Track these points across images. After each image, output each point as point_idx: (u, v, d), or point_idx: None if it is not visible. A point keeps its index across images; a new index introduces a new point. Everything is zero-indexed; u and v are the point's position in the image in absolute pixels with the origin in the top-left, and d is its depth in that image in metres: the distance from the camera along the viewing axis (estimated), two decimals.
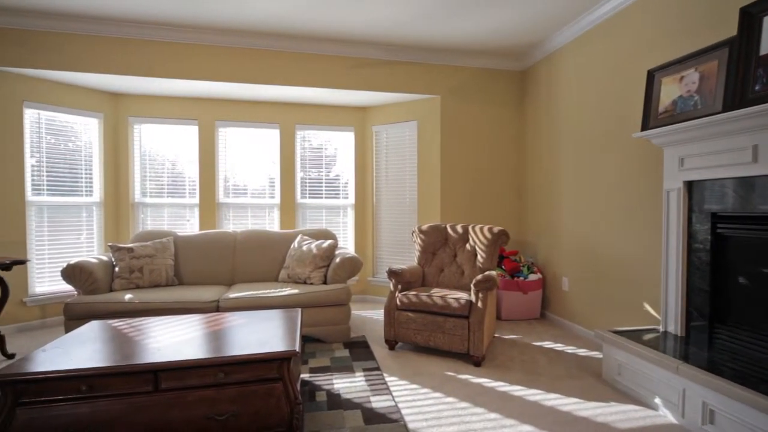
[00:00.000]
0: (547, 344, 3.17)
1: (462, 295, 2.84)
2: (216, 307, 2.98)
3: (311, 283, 3.35)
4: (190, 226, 4.28)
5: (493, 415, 2.09)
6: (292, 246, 3.63)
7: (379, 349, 3.04)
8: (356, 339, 3.25)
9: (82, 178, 3.89)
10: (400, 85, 4.06)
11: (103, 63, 3.48)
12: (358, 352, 2.97)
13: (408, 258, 4.34)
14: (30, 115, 3.57)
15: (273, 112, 4.40)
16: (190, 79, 3.64)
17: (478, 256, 3.18)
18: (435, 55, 4.07)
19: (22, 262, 2.99)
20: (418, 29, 3.55)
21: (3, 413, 1.55)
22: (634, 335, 2.42)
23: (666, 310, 2.48)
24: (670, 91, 2.42)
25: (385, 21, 3.39)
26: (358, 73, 3.96)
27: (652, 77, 2.56)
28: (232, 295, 3.04)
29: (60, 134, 3.76)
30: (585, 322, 3.37)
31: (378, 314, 4.06)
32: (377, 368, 2.68)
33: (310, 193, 4.53)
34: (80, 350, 1.80)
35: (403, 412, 2.12)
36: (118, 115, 4.11)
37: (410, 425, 1.99)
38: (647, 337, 2.39)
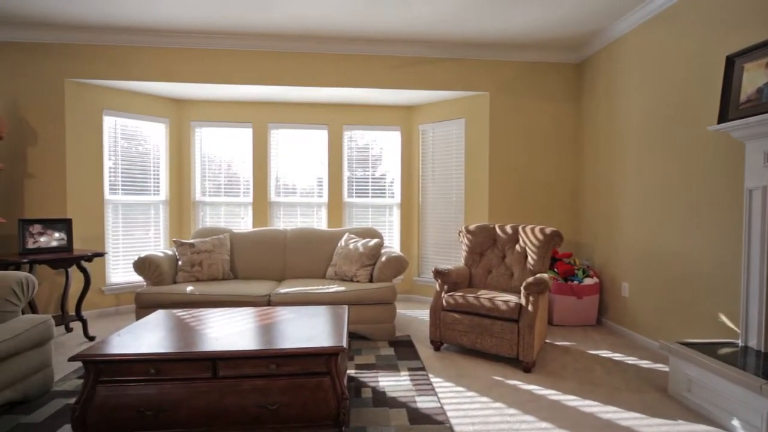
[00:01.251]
0: (604, 353, 2.98)
1: (511, 298, 2.74)
2: (267, 301, 3.12)
3: (357, 281, 3.40)
4: (244, 223, 4.51)
5: (544, 425, 2.00)
6: (339, 244, 3.71)
7: (424, 349, 3.02)
8: (401, 338, 3.26)
9: (150, 178, 4.24)
10: (447, 83, 3.99)
11: (168, 72, 3.77)
12: (403, 351, 2.97)
13: (454, 258, 4.27)
14: (108, 122, 3.95)
15: (322, 113, 4.51)
16: (244, 84, 3.84)
17: (529, 258, 3.05)
18: (483, 51, 3.96)
19: (101, 254, 3.34)
20: (465, 24, 3.47)
21: (87, 388, 1.73)
22: (708, 348, 2.20)
23: (746, 322, 2.22)
24: (754, 78, 2.17)
25: (430, 17, 3.35)
26: (404, 72, 3.96)
27: (732, 63, 2.31)
28: (283, 290, 3.17)
29: (132, 139, 4.13)
30: (647, 332, 3.12)
31: (423, 314, 4.03)
32: (422, 368, 2.66)
33: (356, 193, 4.60)
34: (149, 336, 1.96)
35: (449, 414, 2.09)
36: (181, 119, 4.43)
37: (456, 428, 1.95)
38: (723, 351, 2.16)
